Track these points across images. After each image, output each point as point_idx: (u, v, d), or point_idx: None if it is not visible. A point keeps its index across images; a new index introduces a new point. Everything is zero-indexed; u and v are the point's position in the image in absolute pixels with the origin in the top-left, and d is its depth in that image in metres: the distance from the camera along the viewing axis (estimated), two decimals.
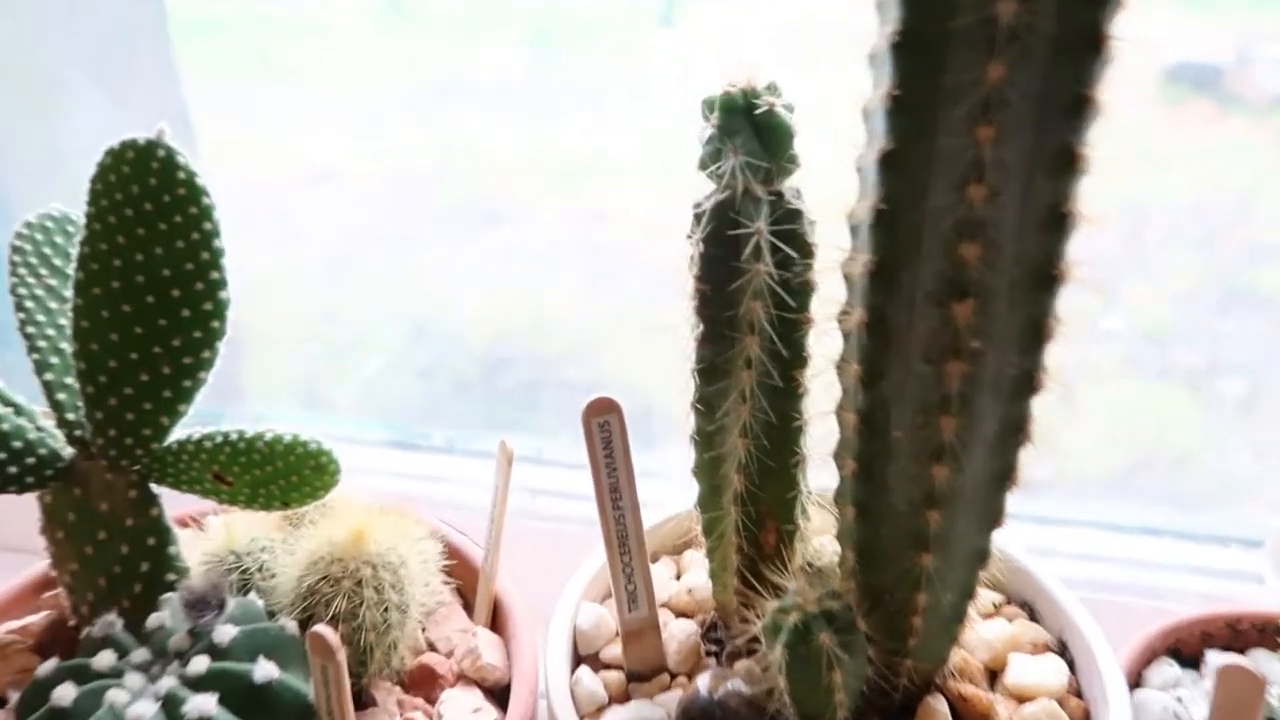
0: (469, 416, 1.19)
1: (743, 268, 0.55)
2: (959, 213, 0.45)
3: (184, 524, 0.75)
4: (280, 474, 0.64)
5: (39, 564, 0.73)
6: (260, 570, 0.69)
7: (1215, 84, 0.93)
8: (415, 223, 1.15)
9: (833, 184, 0.56)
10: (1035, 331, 0.48)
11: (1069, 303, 0.47)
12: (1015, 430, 0.50)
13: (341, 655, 0.55)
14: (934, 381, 0.48)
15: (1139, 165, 0.93)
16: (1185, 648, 0.72)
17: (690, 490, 0.64)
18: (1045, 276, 0.46)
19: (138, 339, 0.62)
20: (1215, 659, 0.69)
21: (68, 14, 1.07)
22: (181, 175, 0.59)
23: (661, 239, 1.06)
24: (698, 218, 0.57)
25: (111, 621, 0.61)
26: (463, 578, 0.79)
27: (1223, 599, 0.84)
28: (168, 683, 0.57)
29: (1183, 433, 1.03)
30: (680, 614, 0.68)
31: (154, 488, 0.66)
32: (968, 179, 0.44)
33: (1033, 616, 0.67)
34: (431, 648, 0.73)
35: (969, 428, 0.49)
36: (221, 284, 0.62)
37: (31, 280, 0.67)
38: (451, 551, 0.80)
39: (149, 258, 0.60)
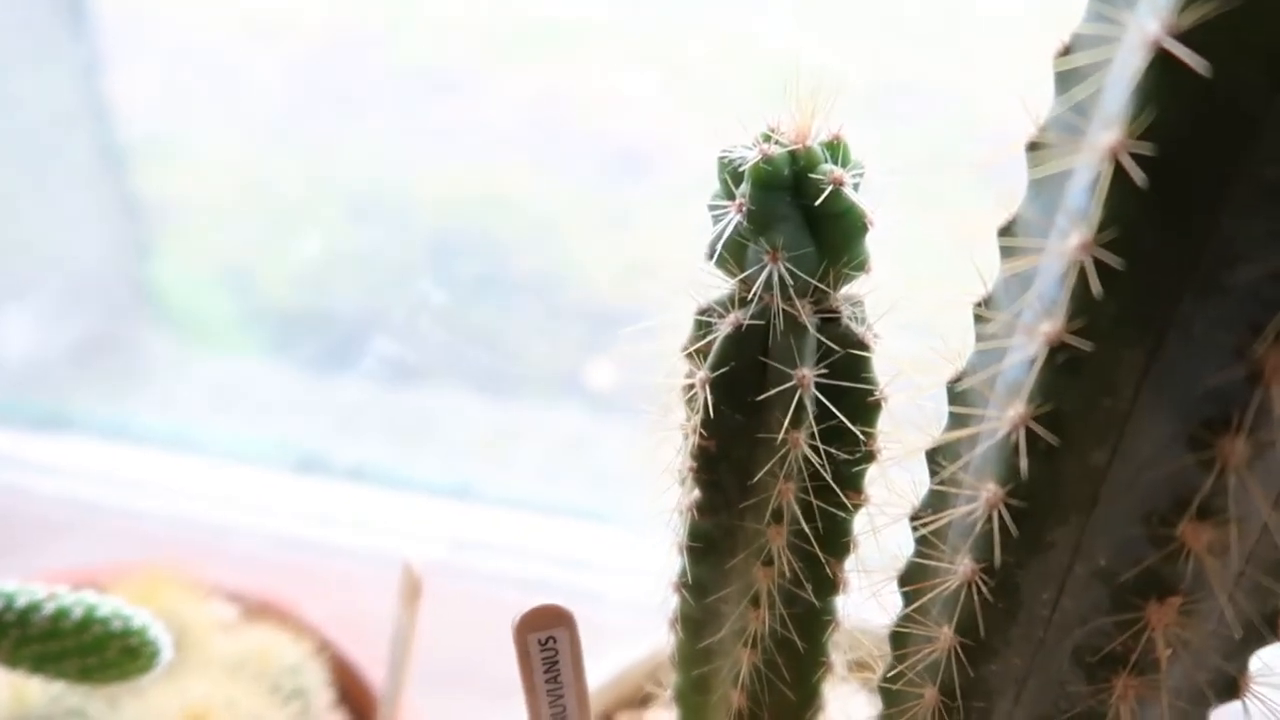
0: (403, 331, 1.04)
1: (774, 437, 0.35)
2: (1192, 477, 0.25)
3: None
4: (72, 652, 0.44)
5: None
6: None
7: None
8: (359, 86, 1.03)
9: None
10: (1257, 633, 0.29)
11: None
12: None
13: None
14: (1087, 697, 0.30)
15: None
16: None
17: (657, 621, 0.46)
18: None
19: None
20: None
21: None
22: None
23: (626, 114, 0.96)
24: (706, 345, 0.36)
25: None
26: (356, 702, 0.61)
27: None
28: None
29: None
30: None
31: None
32: (1224, 426, 0.24)
33: None
34: None
35: None
36: None
37: None
38: (342, 670, 0.61)
39: None
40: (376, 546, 0.81)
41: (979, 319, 0.31)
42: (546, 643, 0.39)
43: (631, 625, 0.57)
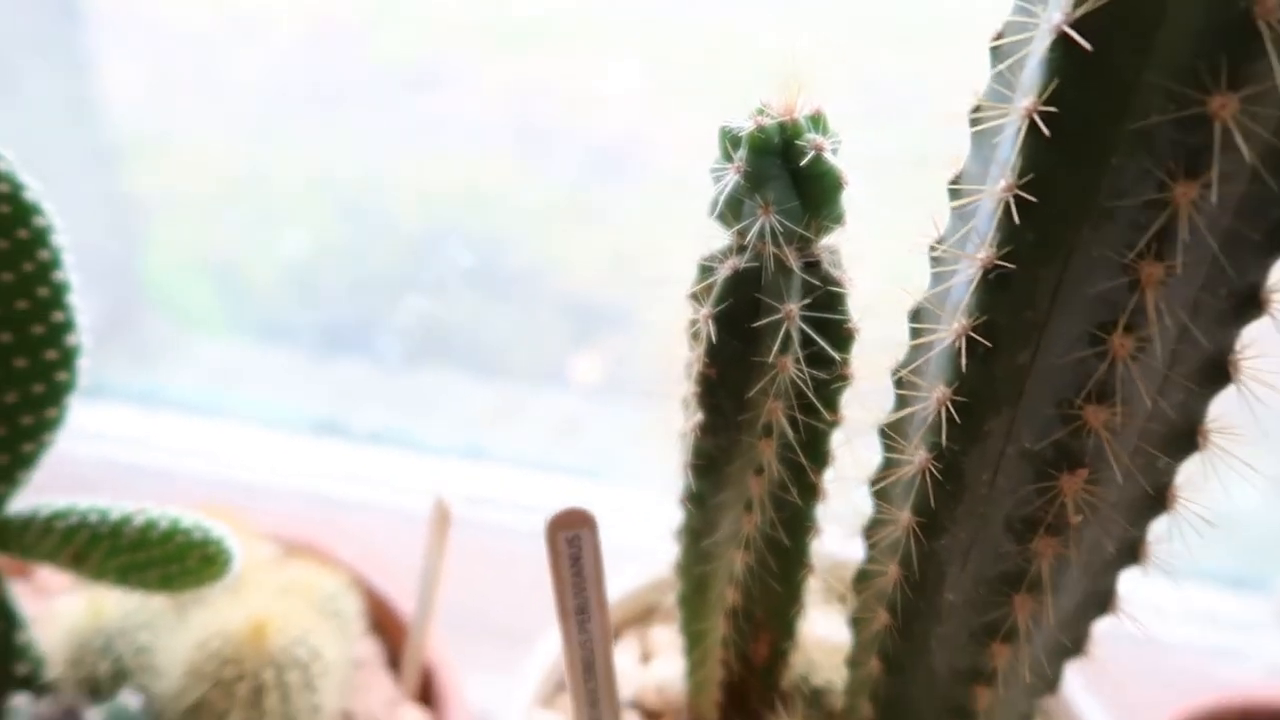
0: (393, 323, 1.09)
1: (765, 362, 0.43)
2: (1090, 366, 0.33)
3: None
4: (157, 562, 0.51)
5: None
6: (138, 655, 0.56)
7: None
8: (343, 82, 1.05)
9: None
10: (1154, 502, 0.37)
11: None
12: (1100, 604, 0.40)
13: None
14: (1015, 557, 0.37)
15: None
16: None
17: (662, 555, 0.54)
18: (1184, 442, 0.35)
19: None
20: None
21: None
22: (4, 188, 0.43)
23: (607, 110, 0.98)
24: (708, 286, 0.43)
25: None
26: (387, 631, 0.68)
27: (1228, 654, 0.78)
28: None
29: None
30: (648, 715, 0.58)
31: None
32: (1111, 325, 0.32)
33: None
34: None
35: (1048, 608, 0.38)
36: (68, 326, 0.47)
37: None
38: (374, 602, 0.68)
39: None
40: (395, 503, 0.88)
41: (932, 254, 0.38)
42: (572, 540, 0.46)
43: (627, 564, 0.64)
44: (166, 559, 0.51)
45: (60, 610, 0.58)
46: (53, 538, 0.50)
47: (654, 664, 0.61)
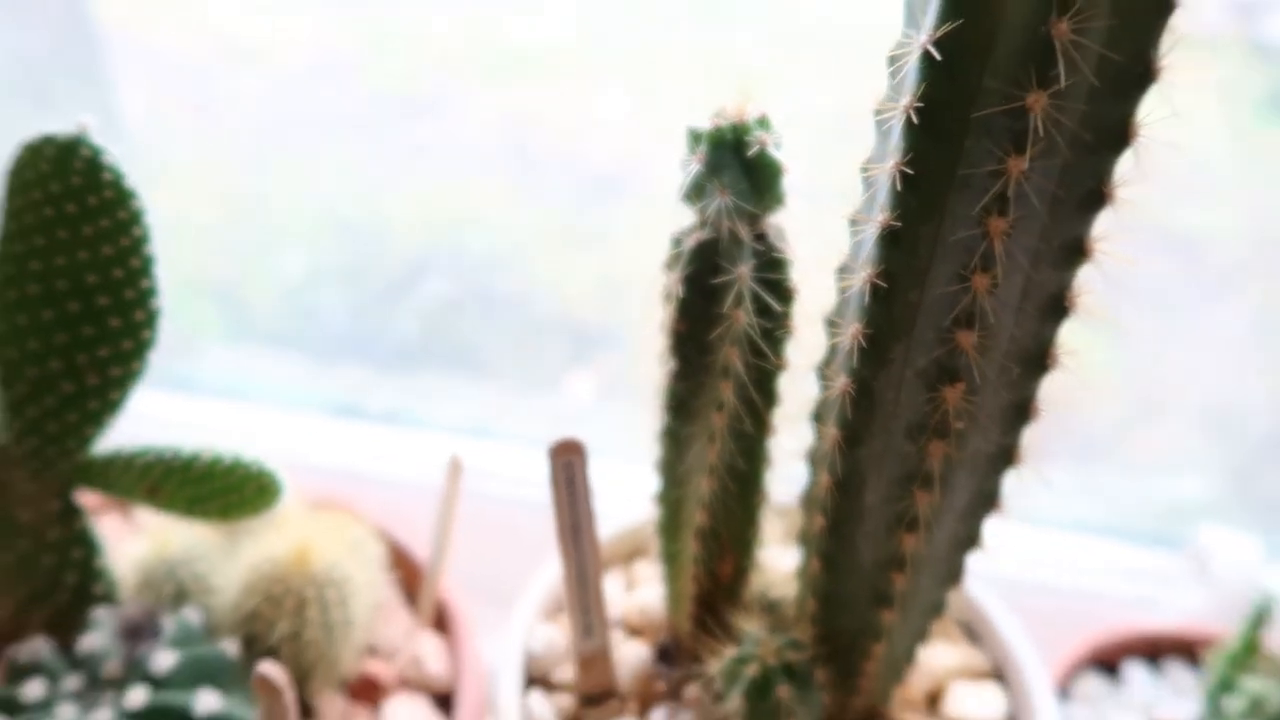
0: (392, 339, 1.16)
1: (723, 314, 0.53)
2: (960, 300, 0.43)
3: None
4: (219, 493, 0.61)
5: None
6: (197, 580, 0.66)
7: None
8: (339, 110, 1.09)
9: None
10: (1020, 413, 0.47)
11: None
12: (986, 502, 0.50)
13: (289, 695, 0.54)
14: (914, 458, 0.48)
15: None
16: (1108, 659, 0.75)
17: (644, 503, 0.64)
18: (1037, 363, 0.45)
19: (61, 348, 0.57)
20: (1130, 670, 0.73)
21: None
22: (108, 176, 0.53)
23: (598, 136, 1.04)
24: (677, 255, 0.54)
25: (39, 647, 0.58)
26: (405, 574, 0.78)
27: (1145, 602, 0.88)
28: (103, 716, 0.54)
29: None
30: (632, 632, 0.68)
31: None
32: (974, 268, 0.42)
33: (972, 635, 0.69)
34: (374, 651, 0.72)
35: (943, 502, 0.49)
36: (153, 292, 0.57)
37: None
38: (393, 548, 0.78)
39: (72, 262, 0.55)
40: (407, 476, 0.98)
41: (850, 222, 0.48)
42: (567, 465, 0.56)
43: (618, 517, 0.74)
44: (227, 490, 0.61)
45: (131, 545, 0.68)
46: (133, 473, 0.60)
47: (637, 591, 0.71)
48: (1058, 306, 0.44)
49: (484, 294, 1.14)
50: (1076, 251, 0.42)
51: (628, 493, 0.69)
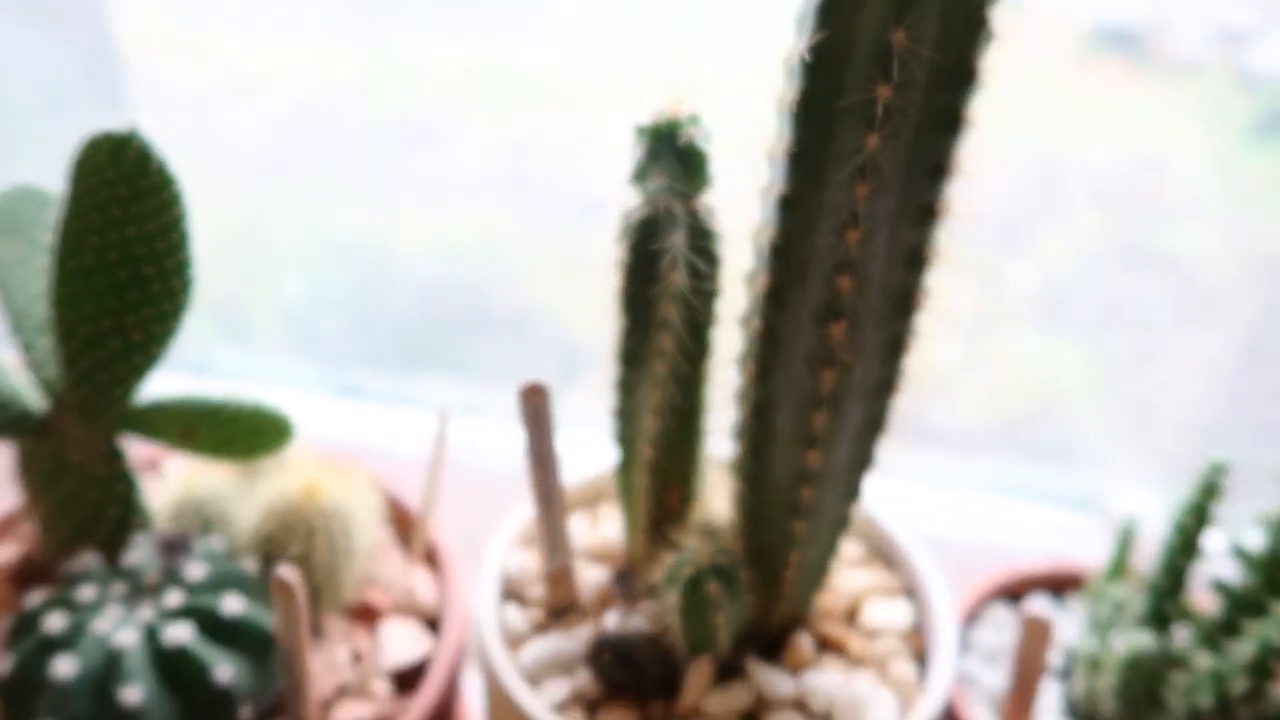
0: (393, 358, 1.24)
1: (661, 275, 0.64)
2: (838, 252, 0.55)
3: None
4: (243, 434, 0.72)
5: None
6: (220, 515, 0.77)
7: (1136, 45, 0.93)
8: (343, 139, 1.13)
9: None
10: (894, 347, 0.58)
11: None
12: (874, 425, 0.61)
13: (302, 595, 0.64)
14: (811, 384, 0.59)
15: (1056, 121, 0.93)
16: (1016, 591, 0.86)
17: (606, 455, 0.75)
18: (904, 305, 0.57)
19: (111, 309, 0.68)
20: (1029, 605, 0.84)
21: None
22: (154, 165, 0.64)
23: (593, 167, 1.07)
24: (626, 229, 0.65)
25: (89, 560, 0.69)
26: (399, 522, 0.88)
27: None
28: (146, 614, 0.65)
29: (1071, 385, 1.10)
30: (595, 559, 0.79)
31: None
32: (846, 225, 0.54)
33: (888, 563, 0.80)
34: (372, 582, 0.82)
35: (837, 423, 0.60)
36: (189, 262, 0.68)
37: (3, 246, 0.72)
38: (389, 499, 0.89)
39: (122, 236, 0.66)
40: (399, 449, 1.09)
41: (762, 195, 0.60)
42: (534, 405, 0.67)
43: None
44: (249, 431, 0.72)
45: (162, 491, 0.78)
46: (170, 418, 0.71)
47: (600, 528, 0.81)
48: (916, 258, 0.55)
49: (482, 315, 1.19)
50: (928, 213, 0.54)
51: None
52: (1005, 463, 1.12)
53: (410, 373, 1.25)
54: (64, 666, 0.61)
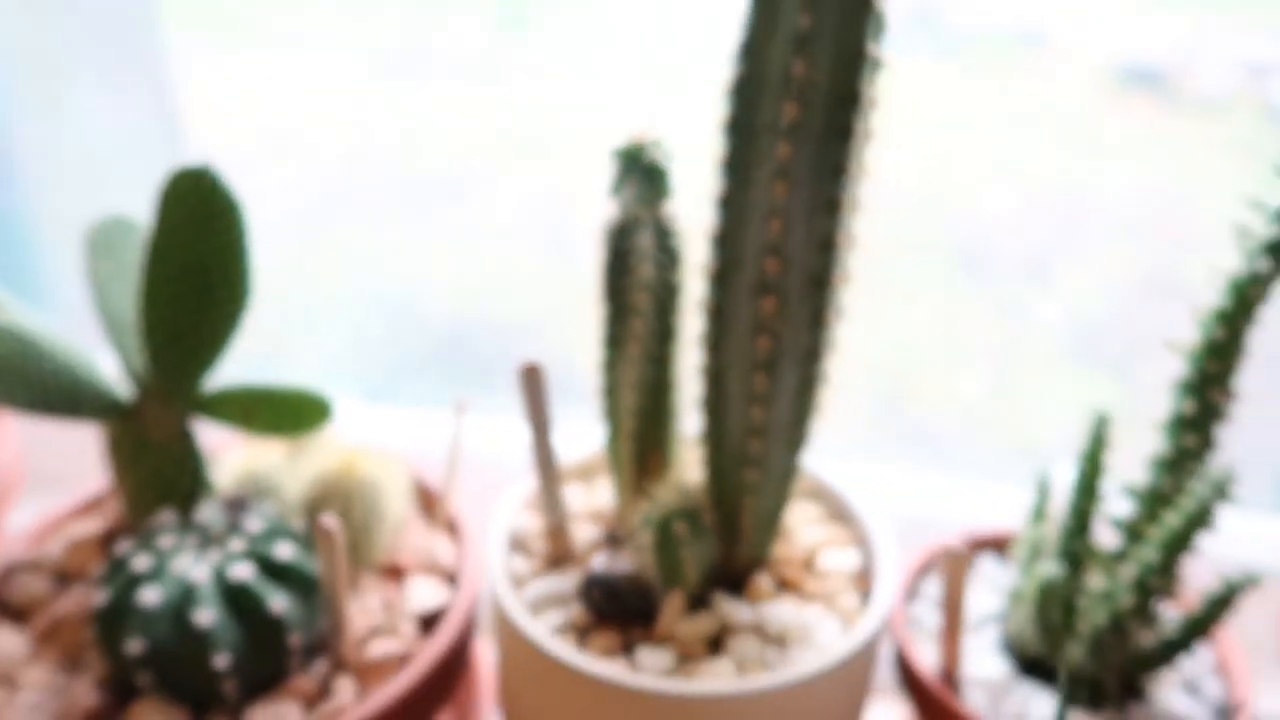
0: (422, 395, 1.36)
1: (633, 269, 0.79)
2: (765, 239, 0.68)
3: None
4: (292, 413, 0.86)
5: (84, 487, 0.95)
6: (272, 487, 0.91)
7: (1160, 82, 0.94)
8: (381, 195, 1.21)
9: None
10: (817, 318, 0.72)
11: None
12: (807, 384, 0.75)
13: (341, 540, 0.78)
14: (752, 351, 0.72)
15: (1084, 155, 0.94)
16: None
17: (599, 436, 0.88)
18: (821, 282, 0.70)
19: (186, 310, 0.83)
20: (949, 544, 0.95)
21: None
22: (224, 191, 0.80)
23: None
24: (604, 233, 0.80)
25: (166, 517, 0.83)
26: (425, 501, 1.02)
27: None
28: (215, 556, 0.79)
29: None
30: (590, 520, 0.92)
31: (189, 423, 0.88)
32: (770, 217, 0.68)
33: (842, 520, 0.92)
34: (400, 549, 0.96)
35: (774, 383, 0.73)
36: (250, 272, 0.83)
37: (101, 263, 0.88)
38: (416, 481, 1.02)
39: (198, 253, 0.81)
40: (421, 450, 1.23)
41: (711, 198, 0.74)
42: (532, 381, 0.81)
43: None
44: (297, 411, 0.86)
45: (224, 467, 0.93)
46: (232, 402, 0.86)
47: (594, 496, 0.95)
48: (828, 244, 0.69)
49: (510, 357, 1.24)
50: (834, 207, 0.68)
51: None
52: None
53: (438, 404, 1.36)
54: (149, 595, 0.75)
